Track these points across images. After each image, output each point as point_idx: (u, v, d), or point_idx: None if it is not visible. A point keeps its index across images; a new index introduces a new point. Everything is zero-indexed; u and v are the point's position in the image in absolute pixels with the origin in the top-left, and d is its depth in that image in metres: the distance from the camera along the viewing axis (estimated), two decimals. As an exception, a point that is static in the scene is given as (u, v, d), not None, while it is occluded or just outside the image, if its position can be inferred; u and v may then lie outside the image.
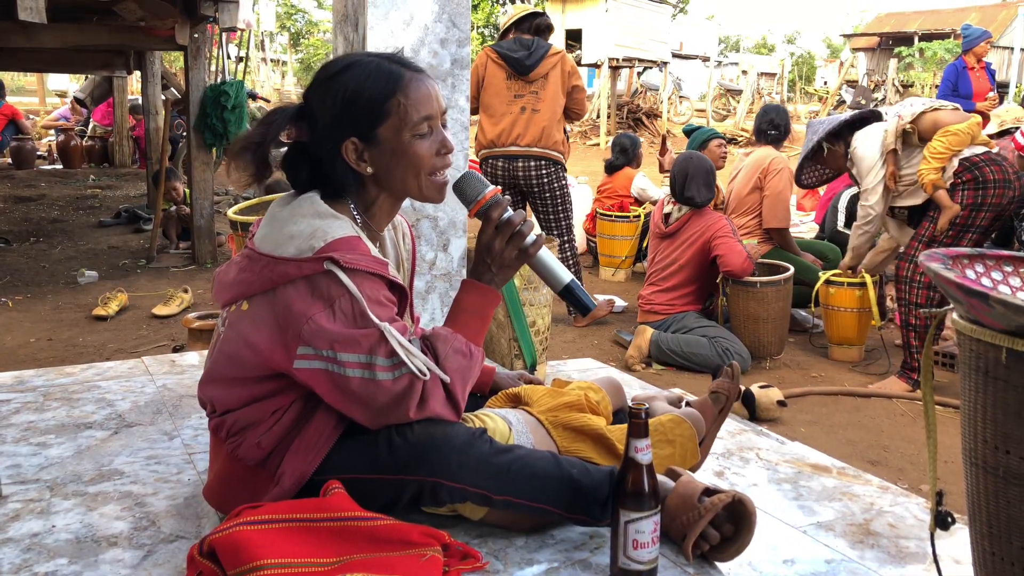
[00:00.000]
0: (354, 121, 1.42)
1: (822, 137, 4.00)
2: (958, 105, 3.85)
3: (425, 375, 1.36)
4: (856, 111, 4.11)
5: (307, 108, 1.46)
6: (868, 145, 3.81)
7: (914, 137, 3.72)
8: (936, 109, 3.71)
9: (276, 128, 1.44)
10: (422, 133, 1.43)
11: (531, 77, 4.44)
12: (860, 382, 3.88)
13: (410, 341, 1.38)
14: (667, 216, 4.27)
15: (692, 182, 4.11)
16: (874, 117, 3.98)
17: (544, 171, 4.46)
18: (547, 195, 4.50)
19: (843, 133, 3.98)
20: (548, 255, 1.50)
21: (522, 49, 4.44)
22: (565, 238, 4.58)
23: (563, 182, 4.53)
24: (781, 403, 3.32)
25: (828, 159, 4.09)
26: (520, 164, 4.45)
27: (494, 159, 4.53)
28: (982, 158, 3.61)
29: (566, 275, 1.50)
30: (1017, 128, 5.22)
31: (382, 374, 1.34)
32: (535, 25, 4.52)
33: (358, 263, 1.35)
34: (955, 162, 3.61)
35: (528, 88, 4.44)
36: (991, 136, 5.75)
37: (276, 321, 1.37)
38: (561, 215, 4.56)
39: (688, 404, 1.79)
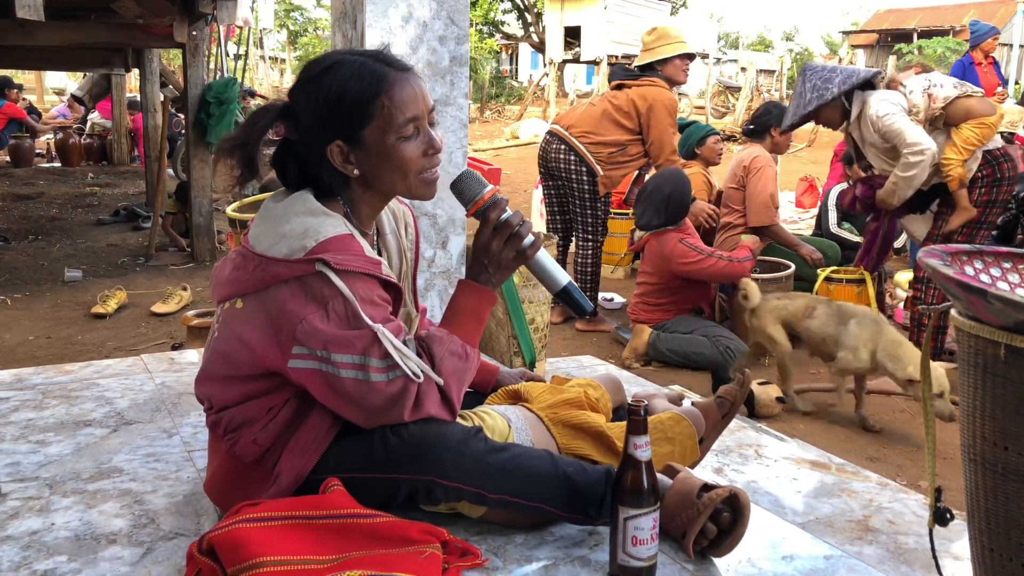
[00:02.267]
0: (339, 124, 1.40)
1: (835, 95, 3.70)
2: (982, 91, 3.75)
3: (419, 377, 1.36)
4: (868, 70, 3.87)
5: (292, 107, 1.44)
6: (891, 109, 3.61)
7: (940, 121, 3.62)
8: (968, 96, 3.59)
9: (260, 129, 1.42)
10: (408, 135, 1.41)
11: (612, 86, 4.56)
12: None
13: (405, 342, 1.38)
14: (632, 232, 4.28)
15: (643, 202, 4.08)
16: (874, 79, 3.80)
17: (573, 165, 4.46)
18: (575, 187, 4.49)
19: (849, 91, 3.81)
20: (546, 256, 1.50)
21: (627, 71, 4.60)
22: (589, 239, 4.55)
23: (593, 186, 4.50)
24: (780, 400, 3.32)
25: (824, 111, 3.79)
26: (555, 147, 4.51)
27: (547, 132, 4.68)
28: (1001, 152, 3.57)
29: (563, 277, 1.49)
30: (1012, 133, 5.21)
31: (376, 375, 1.34)
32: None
33: (349, 264, 1.34)
34: (979, 155, 3.53)
35: (606, 95, 4.53)
36: None
37: (270, 320, 1.36)
38: (588, 213, 4.53)
39: (693, 405, 1.79)
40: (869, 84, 3.75)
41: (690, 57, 4.62)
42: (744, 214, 4.61)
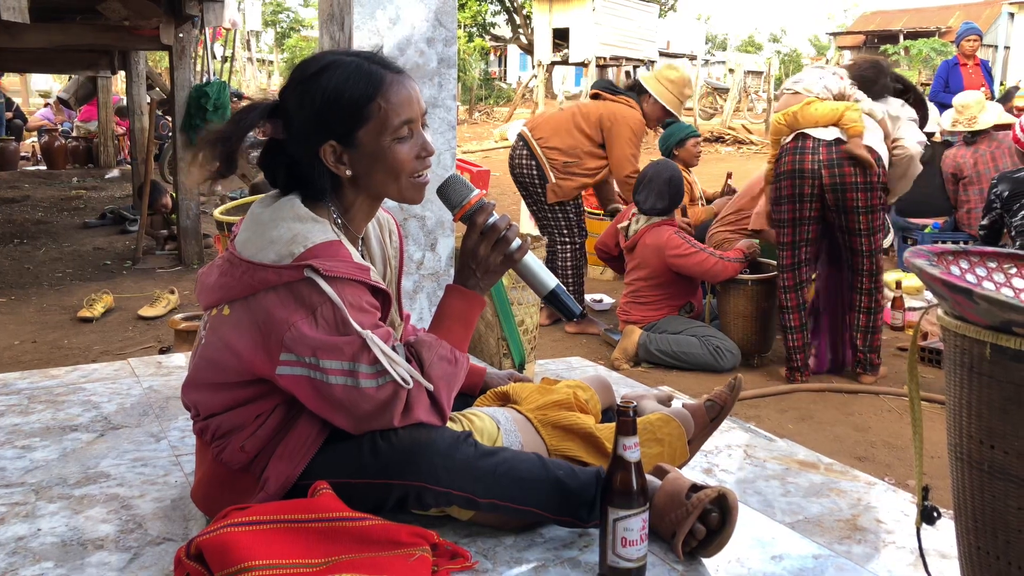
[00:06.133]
0: (333, 124, 1.39)
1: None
2: (811, 89, 3.70)
3: (408, 383, 1.36)
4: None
5: (282, 107, 1.43)
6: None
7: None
8: (795, 94, 3.68)
9: (246, 126, 1.41)
10: (402, 137, 1.41)
11: (590, 94, 4.62)
12: (848, 379, 3.90)
13: (394, 348, 1.37)
14: (627, 228, 4.25)
15: (645, 188, 4.07)
16: None
17: (534, 171, 4.46)
18: (538, 192, 4.49)
19: None
20: (534, 260, 1.50)
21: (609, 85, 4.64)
22: (566, 241, 4.53)
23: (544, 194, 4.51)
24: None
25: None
26: (519, 152, 4.52)
27: (519, 138, 4.65)
28: (786, 147, 3.62)
29: (551, 280, 1.49)
30: (1009, 127, 5.19)
31: (365, 382, 1.33)
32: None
33: (338, 270, 1.34)
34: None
35: (579, 103, 4.59)
36: (975, 133, 5.72)
37: (257, 327, 1.36)
38: (560, 217, 4.53)
39: (683, 406, 1.79)
40: None
41: (670, 115, 4.65)
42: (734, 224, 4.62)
